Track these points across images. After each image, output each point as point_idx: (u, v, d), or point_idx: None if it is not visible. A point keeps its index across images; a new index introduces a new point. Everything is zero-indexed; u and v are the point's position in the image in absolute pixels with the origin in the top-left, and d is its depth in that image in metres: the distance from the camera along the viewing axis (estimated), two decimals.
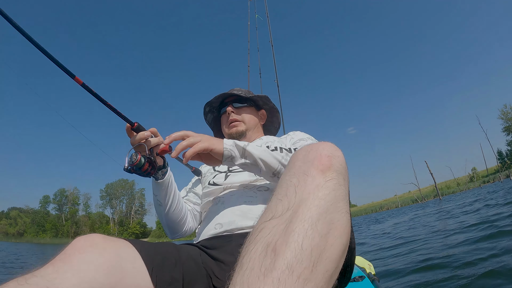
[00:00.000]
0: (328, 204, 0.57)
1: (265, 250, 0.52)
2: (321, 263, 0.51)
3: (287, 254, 0.50)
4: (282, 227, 0.55)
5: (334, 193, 0.60)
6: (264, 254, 0.52)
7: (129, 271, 0.73)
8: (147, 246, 0.85)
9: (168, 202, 1.19)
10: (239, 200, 1.14)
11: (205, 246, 1.03)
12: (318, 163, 0.63)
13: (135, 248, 0.80)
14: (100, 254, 0.69)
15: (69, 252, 0.67)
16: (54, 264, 0.64)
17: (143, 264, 0.78)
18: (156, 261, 0.82)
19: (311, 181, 0.60)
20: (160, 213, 1.23)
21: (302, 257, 0.50)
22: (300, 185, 0.60)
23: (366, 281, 1.67)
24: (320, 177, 0.61)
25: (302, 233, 0.53)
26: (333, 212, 0.57)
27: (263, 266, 0.50)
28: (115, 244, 0.75)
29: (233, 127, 1.47)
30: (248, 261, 0.52)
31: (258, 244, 0.54)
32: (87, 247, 0.69)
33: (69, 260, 0.65)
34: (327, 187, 0.60)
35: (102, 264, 0.67)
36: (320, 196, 0.58)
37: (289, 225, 0.54)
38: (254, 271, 0.50)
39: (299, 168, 0.65)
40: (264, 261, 0.51)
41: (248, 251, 0.54)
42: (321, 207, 0.56)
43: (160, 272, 0.80)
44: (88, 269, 0.65)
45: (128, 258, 0.75)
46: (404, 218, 11.69)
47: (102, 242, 0.72)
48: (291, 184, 0.62)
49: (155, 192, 1.18)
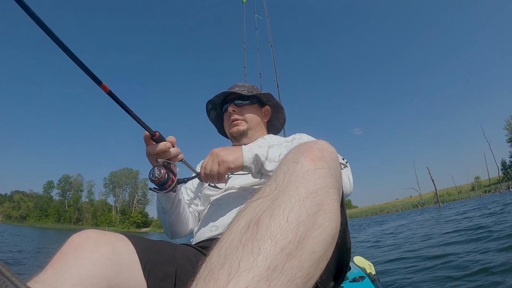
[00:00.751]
0: (318, 187, 0.55)
1: (248, 224, 0.50)
2: (308, 241, 0.48)
3: (271, 226, 0.48)
4: (268, 204, 0.53)
5: (324, 179, 0.57)
6: (246, 228, 0.49)
7: (124, 265, 0.73)
8: (143, 241, 0.85)
9: (173, 210, 1.19)
10: (235, 203, 1.14)
11: (202, 247, 1.04)
12: (308, 153, 0.62)
13: (130, 242, 0.80)
14: (96, 248, 0.69)
15: (66, 251, 0.68)
16: (52, 265, 0.65)
17: (137, 258, 0.78)
18: (150, 256, 0.81)
19: (301, 167, 0.59)
20: (163, 219, 1.24)
21: (287, 230, 0.47)
22: (289, 170, 0.59)
23: (367, 281, 1.66)
24: (310, 164, 0.59)
25: (288, 207, 0.51)
26: (323, 195, 0.54)
27: (244, 238, 0.47)
28: (110, 238, 0.75)
29: (234, 126, 1.45)
30: (228, 235, 0.50)
31: (241, 220, 0.52)
32: (83, 243, 0.70)
33: (66, 259, 0.66)
34: (317, 173, 0.58)
35: (99, 259, 0.68)
36: (309, 179, 0.56)
37: (275, 201, 0.53)
38: (234, 243, 0.48)
39: (289, 158, 0.64)
40: (246, 234, 0.48)
41: (230, 227, 0.53)
42: (309, 187, 0.55)
43: (153, 268, 0.80)
44: (85, 265, 0.65)
45: (123, 252, 0.75)
46: (403, 222, 12.13)
47: (97, 237, 0.73)
48: (281, 171, 0.61)
49: (161, 200, 1.17)
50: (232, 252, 0.46)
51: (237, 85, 1.54)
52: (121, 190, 78.33)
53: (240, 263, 0.44)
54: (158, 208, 1.23)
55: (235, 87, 1.51)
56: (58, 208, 73.97)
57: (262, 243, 0.45)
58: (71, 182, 78.59)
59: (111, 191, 78.71)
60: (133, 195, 78.16)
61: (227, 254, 0.46)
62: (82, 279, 0.63)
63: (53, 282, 0.60)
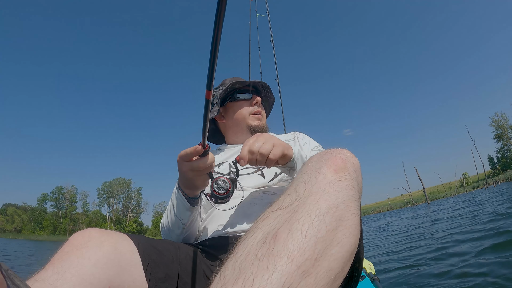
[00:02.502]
0: (339, 200, 0.53)
1: (265, 237, 0.48)
2: (326, 259, 0.46)
3: (289, 241, 0.46)
4: (287, 216, 0.51)
5: (347, 192, 0.56)
6: (263, 241, 0.48)
7: (126, 265, 0.72)
8: (145, 241, 0.83)
9: (192, 224, 1.09)
10: (243, 203, 1.09)
11: (206, 246, 1.01)
12: (331, 163, 0.61)
13: (132, 242, 0.78)
14: (97, 248, 0.68)
15: (67, 250, 0.67)
16: (53, 264, 0.63)
17: (139, 258, 0.77)
18: (152, 257, 0.80)
19: (323, 178, 0.57)
20: (177, 235, 1.10)
21: (305, 247, 0.45)
22: (311, 181, 0.58)
23: (367, 281, 1.65)
24: (333, 175, 0.58)
25: (308, 222, 0.49)
26: (344, 210, 0.52)
27: (260, 252, 0.46)
28: (112, 238, 0.74)
29: (257, 120, 1.39)
30: (245, 247, 0.49)
31: (258, 231, 0.51)
32: (85, 242, 0.69)
33: (67, 258, 0.64)
34: (339, 186, 0.56)
35: (100, 259, 0.67)
36: (331, 192, 0.55)
37: (294, 215, 0.51)
38: (249, 257, 0.46)
39: (311, 167, 0.62)
40: (262, 248, 0.47)
41: (246, 238, 0.51)
42: (330, 201, 0.53)
43: (155, 268, 0.79)
44: (86, 265, 0.64)
45: (126, 252, 0.74)
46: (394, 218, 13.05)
47: (99, 236, 0.72)
48: (302, 180, 0.59)
49: (181, 216, 1.04)
50: (247, 267, 0.45)
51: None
52: (115, 200, 78.63)
53: (255, 279, 0.42)
54: (172, 225, 1.07)
55: (257, 81, 1.46)
56: (53, 220, 73.91)
57: (278, 259, 0.44)
58: (64, 193, 78.53)
59: (105, 201, 78.82)
60: (127, 204, 78.43)
61: (242, 268, 0.45)
62: (83, 279, 0.62)
63: (53, 281, 0.59)
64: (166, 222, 1.10)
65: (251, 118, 1.38)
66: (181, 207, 1.02)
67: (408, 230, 6.99)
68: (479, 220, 5.40)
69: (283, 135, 1.47)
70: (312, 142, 1.36)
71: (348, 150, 0.68)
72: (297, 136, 1.40)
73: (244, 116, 1.38)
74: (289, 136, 1.42)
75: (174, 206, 1.04)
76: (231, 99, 1.40)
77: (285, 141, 1.26)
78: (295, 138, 1.37)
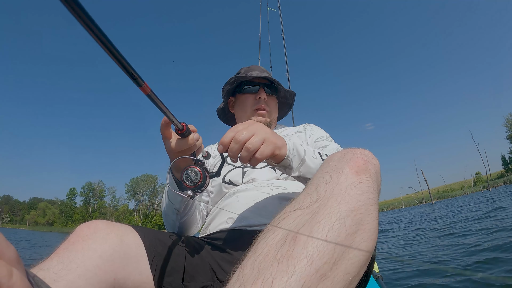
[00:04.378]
0: (360, 203, 0.54)
1: (285, 238, 0.49)
2: (343, 262, 0.47)
3: (309, 244, 0.46)
4: (307, 218, 0.51)
5: (367, 195, 0.56)
6: (283, 242, 0.48)
7: (132, 258, 0.72)
8: (151, 234, 0.82)
9: (187, 211, 1.05)
10: (254, 196, 1.06)
11: (214, 239, 0.99)
12: (353, 164, 0.60)
13: (138, 235, 0.77)
14: (103, 240, 0.68)
15: (73, 240, 0.66)
16: (58, 254, 0.62)
17: (145, 251, 0.76)
18: (158, 250, 0.79)
19: (344, 179, 0.57)
20: (172, 221, 1.06)
21: (324, 250, 0.46)
22: (332, 181, 0.57)
23: (370, 279, 1.62)
24: (354, 177, 0.58)
25: (328, 225, 0.49)
26: (364, 213, 0.53)
27: (280, 253, 0.46)
28: (118, 230, 0.73)
29: (261, 116, 1.34)
30: (264, 246, 0.49)
31: (278, 231, 0.51)
32: (91, 234, 0.68)
33: (73, 249, 0.64)
34: (360, 188, 0.56)
35: (106, 250, 0.66)
36: (352, 194, 0.55)
37: (315, 216, 0.51)
38: (269, 257, 0.47)
39: (333, 167, 0.62)
40: (282, 249, 0.47)
41: (266, 237, 0.52)
42: (351, 204, 0.53)
43: (160, 261, 0.78)
44: (92, 256, 0.64)
45: (132, 244, 0.73)
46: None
47: (105, 228, 0.71)
48: (323, 180, 0.59)
49: (173, 200, 1.00)
50: (267, 267, 0.45)
51: (258, 67, 1.43)
52: (142, 195, 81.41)
53: (274, 281, 0.43)
54: (167, 208, 1.05)
55: (264, 73, 1.39)
56: (84, 213, 77.24)
57: (297, 262, 0.44)
58: (93, 188, 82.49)
59: (132, 196, 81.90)
60: (153, 199, 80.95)
61: (261, 268, 0.45)
62: (88, 270, 0.61)
63: (58, 271, 0.58)
64: (163, 206, 1.08)
65: (254, 113, 1.34)
66: (171, 192, 0.97)
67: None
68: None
69: (295, 127, 1.43)
70: (319, 132, 1.31)
71: (369, 151, 0.68)
72: (306, 128, 1.36)
73: (247, 110, 1.35)
74: (300, 128, 1.38)
75: (167, 189, 1.01)
76: (239, 91, 1.38)
77: (295, 133, 1.33)
78: (305, 130, 1.35)
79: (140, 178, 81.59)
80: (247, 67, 1.44)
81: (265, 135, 0.77)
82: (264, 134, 0.78)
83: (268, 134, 0.79)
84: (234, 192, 1.13)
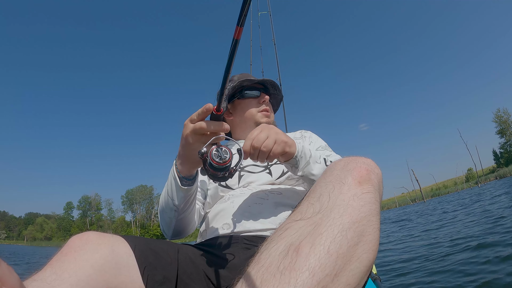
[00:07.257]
0: (362, 215, 0.54)
1: (287, 249, 0.50)
2: (344, 274, 0.48)
3: (311, 256, 0.47)
4: (310, 229, 0.52)
5: (370, 206, 0.57)
6: (285, 253, 0.49)
7: (123, 267, 0.72)
8: (143, 243, 0.82)
9: (186, 208, 1.05)
10: (249, 201, 1.06)
11: (209, 246, 0.98)
12: (356, 174, 0.61)
13: (128, 245, 0.77)
14: (95, 251, 0.69)
15: (66, 252, 0.68)
16: (52, 265, 0.64)
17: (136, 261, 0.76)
18: (149, 259, 0.79)
19: (347, 190, 0.58)
20: (169, 219, 1.07)
21: (326, 262, 0.47)
22: (335, 191, 0.58)
23: (368, 280, 1.40)
24: (357, 188, 0.59)
25: (330, 237, 0.50)
26: (366, 225, 0.54)
27: (282, 265, 0.48)
28: (109, 240, 0.74)
29: (266, 117, 1.37)
30: (267, 257, 0.50)
31: (281, 242, 0.52)
32: (82, 245, 0.69)
33: (65, 260, 0.65)
34: (363, 199, 0.57)
35: (97, 261, 0.67)
36: (355, 205, 0.55)
37: (317, 228, 0.52)
38: (271, 268, 0.48)
39: (336, 176, 0.62)
40: (284, 260, 0.48)
41: (268, 247, 0.52)
42: (354, 216, 0.53)
43: (152, 271, 0.78)
44: (84, 267, 0.65)
45: (123, 254, 0.74)
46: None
47: (97, 239, 0.72)
48: (326, 190, 0.60)
49: (173, 196, 1.00)
50: (269, 279, 0.46)
51: (249, 75, 1.46)
52: (138, 206, 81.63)
53: None
54: (165, 204, 1.04)
55: (251, 77, 1.42)
56: (81, 227, 77.23)
57: (300, 274, 0.45)
58: (90, 201, 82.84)
59: (129, 208, 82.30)
60: (150, 210, 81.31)
61: (264, 279, 0.47)
62: (80, 280, 0.62)
63: (51, 281, 0.59)
64: (161, 201, 1.08)
65: (260, 115, 1.36)
66: (173, 186, 0.98)
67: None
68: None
69: (292, 133, 1.47)
70: (318, 141, 1.35)
71: (371, 160, 0.69)
72: (304, 134, 1.40)
73: (252, 114, 1.36)
74: (297, 134, 1.42)
75: (167, 184, 1.02)
76: (239, 96, 1.38)
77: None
78: (303, 137, 1.38)
79: (136, 189, 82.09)
80: (239, 74, 1.47)
81: (276, 136, 0.90)
82: (275, 135, 0.91)
83: (279, 136, 0.91)
84: (230, 197, 1.13)
